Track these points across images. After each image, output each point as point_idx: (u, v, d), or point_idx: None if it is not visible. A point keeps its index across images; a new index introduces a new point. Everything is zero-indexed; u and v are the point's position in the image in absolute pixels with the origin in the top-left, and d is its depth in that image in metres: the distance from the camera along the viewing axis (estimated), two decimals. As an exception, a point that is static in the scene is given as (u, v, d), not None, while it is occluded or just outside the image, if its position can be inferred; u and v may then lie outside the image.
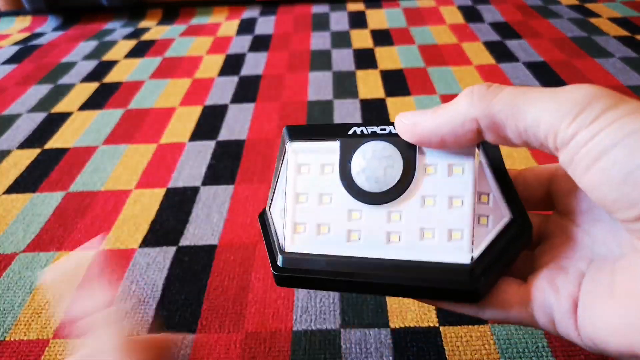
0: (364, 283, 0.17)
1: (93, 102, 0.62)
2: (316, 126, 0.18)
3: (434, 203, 0.16)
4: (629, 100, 0.13)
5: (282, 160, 0.18)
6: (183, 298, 0.34)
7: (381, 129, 0.17)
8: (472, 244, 0.16)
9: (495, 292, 0.16)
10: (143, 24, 0.89)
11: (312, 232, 0.17)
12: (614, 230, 0.15)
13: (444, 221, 0.16)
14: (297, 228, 0.18)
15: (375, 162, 0.17)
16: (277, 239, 0.18)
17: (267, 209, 0.20)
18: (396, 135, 0.17)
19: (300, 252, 0.17)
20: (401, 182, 0.17)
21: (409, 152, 0.17)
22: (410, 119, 0.16)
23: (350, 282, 0.17)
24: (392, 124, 0.17)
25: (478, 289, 0.15)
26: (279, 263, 0.17)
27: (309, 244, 0.17)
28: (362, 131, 0.17)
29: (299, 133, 0.18)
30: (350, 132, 0.18)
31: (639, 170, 0.12)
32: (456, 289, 0.15)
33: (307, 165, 0.18)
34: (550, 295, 0.15)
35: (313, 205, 0.18)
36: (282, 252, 0.18)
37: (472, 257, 0.16)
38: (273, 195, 0.19)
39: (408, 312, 0.32)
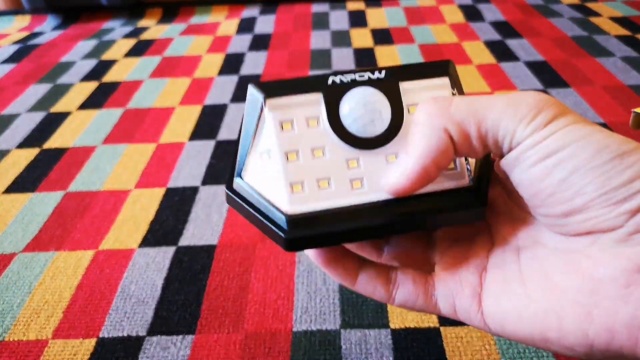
0: (382, 225, 0.17)
1: (92, 102, 0.62)
2: (289, 81, 0.17)
3: None
4: (571, 110, 0.15)
5: (257, 120, 0.17)
6: (182, 298, 0.34)
7: (359, 76, 0.17)
8: (467, 170, 0.18)
9: (404, 281, 0.18)
10: (142, 23, 0.88)
11: (311, 189, 0.17)
12: (514, 225, 0.17)
13: None
14: (294, 188, 0.17)
15: (365, 108, 0.17)
16: (272, 205, 0.17)
17: (239, 178, 0.18)
18: (377, 80, 0.17)
19: (304, 212, 0.17)
20: (392, 124, 0.17)
21: (394, 94, 0.17)
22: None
23: (368, 227, 0.17)
24: (366, 70, 0.18)
25: (483, 200, 0.17)
26: (285, 226, 0.16)
27: (311, 201, 0.17)
28: (341, 80, 0.17)
29: (271, 89, 0.17)
30: (330, 82, 0.17)
31: (578, 173, 0.14)
32: (466, 204, 0.17)
33: (290, 121, 0.17)
34: (453, 284, 0.18)
35: (306, 161, 0.17)
36: (285, 214, 0.16)
37: (471, 180, 0.17)
38: (245, 161, 0.18)
39: (408, 313, 0.32)
